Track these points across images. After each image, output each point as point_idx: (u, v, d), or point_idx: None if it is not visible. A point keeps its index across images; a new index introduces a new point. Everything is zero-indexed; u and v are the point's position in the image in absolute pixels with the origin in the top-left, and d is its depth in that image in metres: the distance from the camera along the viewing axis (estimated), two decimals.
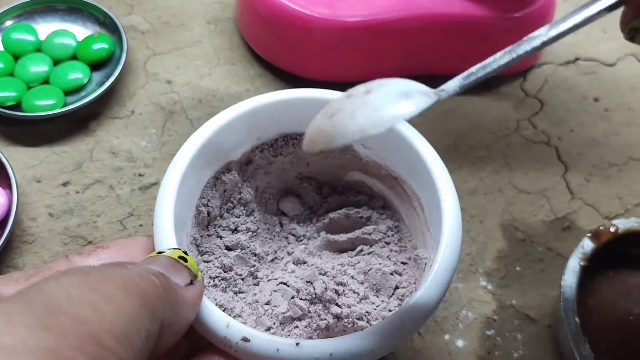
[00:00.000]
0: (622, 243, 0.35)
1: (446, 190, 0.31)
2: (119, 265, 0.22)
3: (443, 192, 0.31)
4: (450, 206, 0.30)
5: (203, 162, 0.33)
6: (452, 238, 0.29)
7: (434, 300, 0.28)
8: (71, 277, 0.20)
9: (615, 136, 0.43)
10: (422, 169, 0.32)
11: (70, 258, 0.27)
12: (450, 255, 0.29)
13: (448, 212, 0.30)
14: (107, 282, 0.20)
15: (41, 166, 0.41)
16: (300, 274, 0.33)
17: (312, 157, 0.37)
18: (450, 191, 0.31)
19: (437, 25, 0.42)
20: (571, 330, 0.32)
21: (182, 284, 0.24)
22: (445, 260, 0.29)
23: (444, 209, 0.30)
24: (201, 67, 0.46)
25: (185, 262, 0.26)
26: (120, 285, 0.20)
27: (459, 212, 0.30)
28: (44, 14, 0.47)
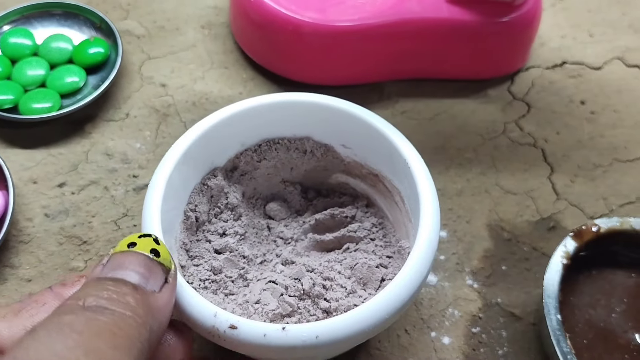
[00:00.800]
0: (604, 242, 0.36)
1: (423, 178, 0.32)
2: (101, 314, 0.22)
3: (420, 180, 0.32)
4: (427, 193, 0.32)
5: (188, 168, 0.34)
6: (429, 223, 0.31)
7: (413, 284, 0.29)
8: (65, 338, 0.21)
9: (600, 138, 0.44)
10: (399, 161, 0.33)
11: (54, 290, 0.27)
12: (428, 239, 0.30)
13: (425, 200, 0.31)
14: (98, 341, 0.21)
15: (37, 168, 0.42)
16: (288, 272, 0.34)
17: (296, 161, 0.37)
18: (426, 179, 0.32)
19: (426, 30, 0.43)
20: (552, 326, 0.33)
21: (157, 288, 0.25)
22: (422, 244, 0.30)
23: (421, 196, 0.31)
24: (195, 70, 0.47)
25: (158, 257, 0.26)
26: (109, 342, 0.21)
27: (436, 200, 0.31)
28: (41, 18, 0.47)
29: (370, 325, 0.28)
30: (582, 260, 0.36)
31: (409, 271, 0.29)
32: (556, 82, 0.47)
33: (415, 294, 0.29)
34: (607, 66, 0.48)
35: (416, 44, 0.44)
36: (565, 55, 0.49)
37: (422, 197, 0.31)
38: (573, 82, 0.47)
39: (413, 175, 0.32)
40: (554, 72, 0.48)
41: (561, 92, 0.47)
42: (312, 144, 0.37)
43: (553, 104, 0.46)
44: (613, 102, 0.46)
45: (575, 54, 0.49)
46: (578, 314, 0.35)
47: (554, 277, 0.34)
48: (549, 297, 0.33)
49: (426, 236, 0.30)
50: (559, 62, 0.48)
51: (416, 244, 0.30)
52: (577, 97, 0.46)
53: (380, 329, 0.29)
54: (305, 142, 0.37)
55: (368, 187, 0.37)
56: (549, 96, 0.46)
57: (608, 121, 0.45)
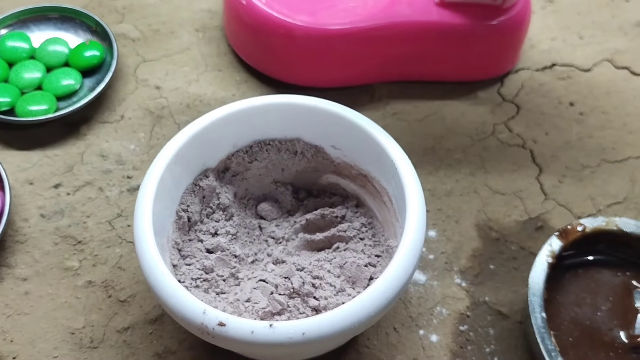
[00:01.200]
0: (590, 242, 0.37)
1: (409, 178, 0.33)
2: None
3: (406, 180, 0.33)
4: (414, 192, 0.32)
5: (180, 169, 0.35)
6: (415, 222, 0.31)
7: (400, 281, 0.29)
8: None
9: (589, 139, 0.45)
10: (387, 161, 0.34)
11: None
12: (414, 238, 0.31)
13: (411, 198, 0.32)
14: None
15: (34, 169, 0.42)
16: (278, 271, 0.35)
17: (287, 162, 0.38)
18: (413, 178, 0.33)
19: (416, 33, 0.44)
20: (537, 324, 0.33)
21: None
22: (408, 242, 0.30)
23: (407, 195, 0.32)
24: (189, 73, 0.47)
25: None
26: None
27: (422, 199, 0.32)
28: (38, 22, 0.48)
29: (357, 321, 0.28)
30: (568, 259, 0.36)
31: (395, 269, 0.30)
32: (545, 84, 0.48)
33: (401, 291, 0.30)
34: (597, 68, 0.49)
35: (406, 47, 0.45)
36: (554, 57, 0.49)
37: (408, 196, 0.32)
38: (562, 84, 0.48)
39: (400, 175, 0.33)
40: (544, 74, 0.48)
41: (550, 94, 0.47)
42: (303, 145, 0.38)
43: (542, 105, 0.46)
44: (602, 104, 0.47)
45: (565, 56, 0.49)
46: (564, 312, 0.36)
47: (539, 275, 0.35)
48: (534, 295, 0.34)
49: (412, 235, 0.31)
50: (549, 64, 0.49)
51: (402, 243, 0.31)
52: (566, 99, 0.47)
53: (367, 326, 0.29)
54: (295, 144, 0.38)
55: (358, 187, 0.38)
56: (538, 98, 0.47)
57: (597, 122, 0.46)
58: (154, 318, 0.37)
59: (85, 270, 0.38)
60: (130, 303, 0.37)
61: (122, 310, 0.37)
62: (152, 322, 0.36)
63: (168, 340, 0.36)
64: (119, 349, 0.36)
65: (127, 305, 0.37)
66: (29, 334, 0.36)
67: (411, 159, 0.34)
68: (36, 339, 0.36)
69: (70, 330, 0.36)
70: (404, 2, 0.44)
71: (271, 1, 0.44)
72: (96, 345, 0.36)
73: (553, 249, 0.35)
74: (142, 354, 0.35)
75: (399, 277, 0.29)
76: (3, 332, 0.36)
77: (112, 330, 0.36)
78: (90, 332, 0.36)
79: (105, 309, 0.37)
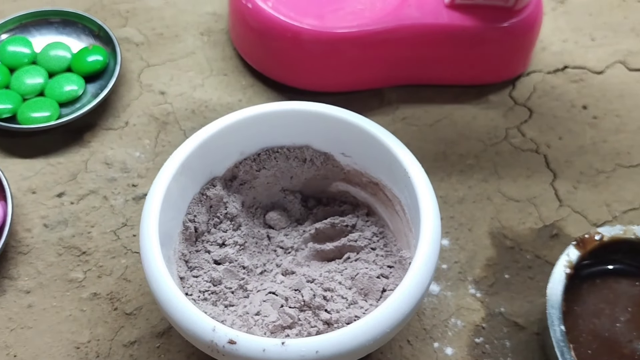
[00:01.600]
0: (608, 251, 0.36)
1: (423, 188, 0.32)
2: None
3: (420, 191, 0.32)
4: (428, 203, 0.31)
5: (187, 179, 0.34)
6: (430, 234, 0.30)
7: (415, 296, 0.28)
8: None
9: (603, 143, 0.44)
10: (399, 170, 0.33)
11: None
12: (429, 251, 0.30)
13: (425, 210, 0.31)
14: None
15: (36, 177, 0.41)
16: (288, 283, 0.34)
17: (295, 170, 0.37)
18: (427, 189, 0.32)
19: (426, 36, 0.43)
20: (556, 337, 0.32)
21: None
22: (423, 257, 0.30)
23: (421, 206, 0.31)
24: (194, 78, 0.46)
25: None
26: None
27: (437, 210, 0.31)
28: (40, 26, 0.47)
29: (371, 339, 0.28)
30: (586, 269, 0.36)
31: (410, 283, 0.29)
32: (558, 87, 0.47)
33: (417, 306, 0.29)
34: (609, 70, 0.48)
35: (416, 50, 0.44)
36: (566, 60, 0.48)
37: (422, 207, 0.31)
38: (575, 87, 0.47)
39: (413, 185, 0.32)
40: (556, 77, 0.47)
41: (563, 97, 0.46)
42: (312, 152, 0.37)
43: (555, 109, 0.46)
44: (615, 107, 0.46)
45: (577, 58, 0.48)
46: (582, 324, 0.35)
47: (557, 287, 0.34)
48: (552, 307, 0.33)
49: (426, 247, 0.30)
50: (561, 66, 0.48)
51: (417, 256, 0.30)
52: (579, 102, 0.46)
53: (381, 343, 0.28)
54: (304, 151, 0.37)
55: (368, 195, 0.37)
56: (551, 101, 0.46)
57: (610, 126, 0.45)
58: (161, 331, 0.36)
59: (90, 282, 0.37)
60: (136, 316, 0.36)
61: (128, 323, 0.36)
62: (159, 335, 0.36)
63: (176, 355, 0.35)
64: None
65: (134, 318, 0.36)
66: (32, 348, 0.35)
67: (422, 165, 0.33)
68: (40, 354, 0.35)
69: (75, 345, 0.35)
70: (413, 4, 0.43)
71: (278, 4, 0.43)
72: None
73: (570, 259, 0.34)
74: None
75: (415, 292, 0.29)
76: (6, 347, 0.35)
77: (119, 344, 0.35)
78: (96, 347, 0.35)
79: (111, 322, 0.36)
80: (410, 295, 0.28)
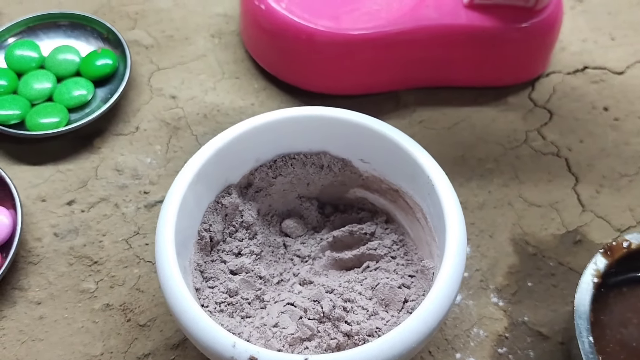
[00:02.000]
0: (635, 258, 0.34)
1: (448, 197, 0.31)
2: None
3: (445, 200, 0.31)
4: (453, 213, 0.30)
5: (202, 187, 0.33)
6: (456, 246, 0.29)
7: (442, 309, 0.27)
8: None
9: (625, 146, 0.43)
10: (422, 177, 0.32)
11: None
12: (455, 263, 0.29)
13: (451, 220, 0.30)
14: None
15: (46, 185, 0.40)
16: (307, 293, 0.33)
17: (312, 177, 0.36)
18: (452, 198, 0.31)
19: (444, 37, 0.42)
20: (585, 349, 0.31)
21: None
22: (450, 269, 0.29)
23: (446, 216, 0.30)
24: (206, 81, 0.45)
25: None
26: None
27: (462, 219, 0.30)
28: (47, 29, 0.46)
29: (397, 354, 0.27)
30: (612, 277, 0.34)
31: (437, 295, 0.28)
32: (578, 88, 0.46)
33: (443, 319, 0.28)
34: (630, 70, 0.47)
35: (433, 52, 0.43)
36: (586, 60, 0.47)
37: (448, 217, 0.30)
38: (595, 88, 0.46)
39: (438, 193, 0.31)
40: (576, 78, 0.46)
41: (583, 98, 0.45)
42: (329, 158, 0.36)
43: (575, 110, 0.44)
44: (637, 108, 0.45)
45: (597, 59, 0.47)
46: (609, 334, 0.34)
47: (584, 297, 0.33)
48: (580, 317, 0.32)
49: (453, 258, 0.29)
50: (580, 67, 0.47)
51: (443, 267, 0.29)
52: (600, 103, 0.45)
53: (407, 358, 0.27)
54: (322, 157, 0.36)
55: (388, 202, 0.36)
56: (571, 102, 0.45)
57: (633, 128, 0.44)
58: (176, 343, 0.35)
59: (102, 293, 0.36)
60: (150, 327, 0.35)
61: (141, 335, 0.35)
62: (174, 347, 0.35)
63: None
64: None
65: (147, 330, 0.35)
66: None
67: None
68: None
69: (87, 358, 0.34)
70: (431, 5, 0.42)
71: (291, 5, 0.42)
72: None
73: (598, 267, 0.33)
74: None
75: (442, 305, 0.28)
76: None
77: (132, 356, 0.34)
78: (109, 359, 0.34)
79: (124, 334, 0.35)
80: (437, 308, 0.27)
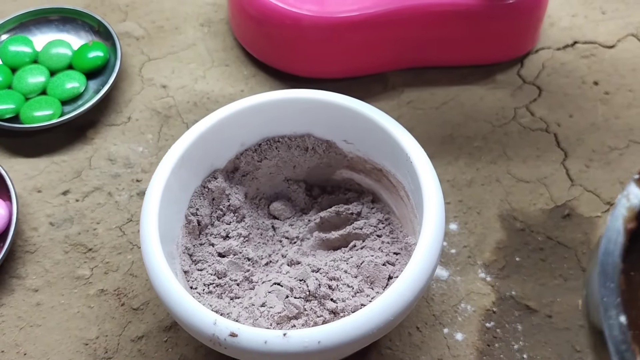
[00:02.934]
0: None
1: (425, 173, 0.31)
2: None
3: (422, 176, 0.31)
4: (430, 188, 0.31)
5: (187, 172, 0.33)
6: (433, 220, 0.30)
7: (419, 282, 0.28)
8: None
9: (615, 119, 0.43)
10: (402, 155, 0.32)
11: None
12: (432, 236, 0.29)
13: (428, 195, 0.30)
14: None
15: (41, 176, 0.41)
16: (293, 273, 0.33)
17: (298, 159, 0.37)
18: (429, 173, 0.31)
19: (429, 16, 0.42)
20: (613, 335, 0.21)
21: None
22: (426, 242, 0.29)
23: (424, 191, 0.30)
24: (196, 70, 0.46)
25: None
26: None
27: (440, 194, 0.31)
28: (39, 25, 0.47)
29: (375, 327, 0.27)
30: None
31: (414, 269, 0.28)
32: (568, 63, 0.45)
33: (422, 292, 0.28)
34: (621, 44, 0.46)
35: (420, 32, 0.43)
36: (576, 35, 0.47)
37: (425, 192, 0.30)
38: (585, 63, 0.45)
39: (415, 169, 0.31)
40: (565, 53, 0.46)
41: (573, 74, 0.45)
42: (314, 140, 0.36)
43: (565, 86, 0.44)
44: (628, 82, 0.44)
45: (587, 33, 0.47)
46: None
47: (613, 253, 0.22)
48: (607, 288, 0.21)
49: (430, 232, 0.29)
50: (570, 42, 0.46)
51: (420, 241, 0.29)
52: (590, 78, 0.45)
53: (386, 331, 0.28)
54: (306, 139, 0.36)
55: (373, 182, 0.36)
56: (561, 78, 0.45)
57: (623, 101, 0.43)
58: (169, 325, 0.36)
59: (97, 279, 0.37)
60: (143, 311, 0.36)
61: (135, 318, 0.36)
62: (166, 329, 0.35)
63: (184, 348, 0.35)
64: (134, 358, 0.35)
65: (141, 313, 0.36)
66: (42, 346, 0.35)
67: (429, 148, 0.32)
68: (49, 351, 0.35)
69: (83, 341, 0.35)
70: None
71: None
72: (110, 355, 0.35)
73: (632, 204, 0.22)
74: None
75: (419, 278, 0.28)
76: (16, 345, 0.35)
77: (126, 339, 0.35)
78: (104, 343, 0.35)
79: (119, 318, 0.36)
80: (414, 282, 0.28)
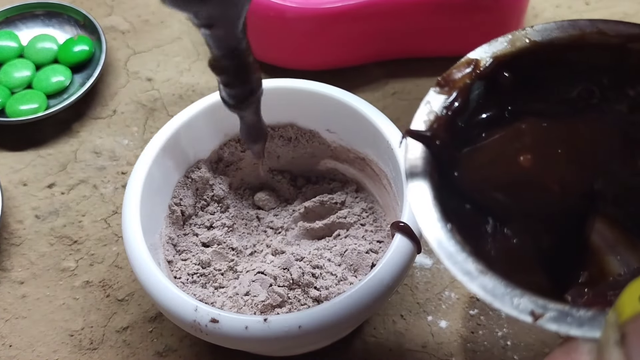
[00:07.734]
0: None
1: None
2: None
3: (402, 162, 0.31)
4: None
5: (170, 162, 0.33)
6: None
7: (398, 267, 0.28)
8: None
9: None
10: (383, 143, 0.32)
11: None
12: (411, 221, 0.29)
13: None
14: None
15: (27, 169, 0.41)
16: (277, 262, 0.34)
17: (282, 149, 0.37)
18: None
19: (412, 7, 0.42)
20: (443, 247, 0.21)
21: None
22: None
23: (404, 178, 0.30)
24: (181, 63, 0.46)
25: None
26: None
27: None
28: (25, 19, 0.47)
29: (355, 311, 0.27)
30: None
31: (392, 255, 0.28)
32: None
33: (401, 277, 0.28)
34: None
35: (404, 23, 0.43)
36: None
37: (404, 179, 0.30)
38: None
39: (397, 157, 0.31)
40: None
41: None
42: (297, 130, 0.36)
43: None
44: None
45: None
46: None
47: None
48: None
49: (409, 218, 0.29)
50: None
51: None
52: None
53: (366, 316, 0.28)
54: (289, 129, 0.36)
55: (357, 171, 0.37)
56: None
57: None
58: (154, 316, 0.36)
59: (82, 271, 0.37)
60: (128, 302, 0.36)
61: (120, 309, 0.36)
62: (151, 320, 0.36)
63: (169, 338, 0.35)
64: (119, 349, 0.35)
65: (126, 304, 0.36)
66: (27, 337, 0.35)
67: None
68: (35, 343, 0.35)
69: (69, 332, 0.35)
70: None
71: None
72: (96, 346, 0.35)
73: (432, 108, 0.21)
74: (142, 353, 0.34)
75: (398, 264, 0.28)
76: (2, 337, 0.35)
77: (112, 330, 0.35)
78: (90, 334, 0.35)
79: (104, 309, 0.36)
80: (393, 267, 0.28)
